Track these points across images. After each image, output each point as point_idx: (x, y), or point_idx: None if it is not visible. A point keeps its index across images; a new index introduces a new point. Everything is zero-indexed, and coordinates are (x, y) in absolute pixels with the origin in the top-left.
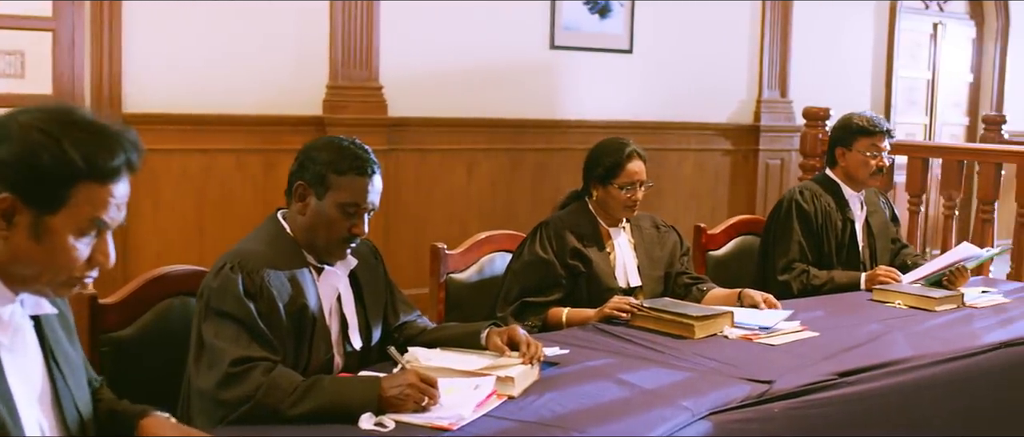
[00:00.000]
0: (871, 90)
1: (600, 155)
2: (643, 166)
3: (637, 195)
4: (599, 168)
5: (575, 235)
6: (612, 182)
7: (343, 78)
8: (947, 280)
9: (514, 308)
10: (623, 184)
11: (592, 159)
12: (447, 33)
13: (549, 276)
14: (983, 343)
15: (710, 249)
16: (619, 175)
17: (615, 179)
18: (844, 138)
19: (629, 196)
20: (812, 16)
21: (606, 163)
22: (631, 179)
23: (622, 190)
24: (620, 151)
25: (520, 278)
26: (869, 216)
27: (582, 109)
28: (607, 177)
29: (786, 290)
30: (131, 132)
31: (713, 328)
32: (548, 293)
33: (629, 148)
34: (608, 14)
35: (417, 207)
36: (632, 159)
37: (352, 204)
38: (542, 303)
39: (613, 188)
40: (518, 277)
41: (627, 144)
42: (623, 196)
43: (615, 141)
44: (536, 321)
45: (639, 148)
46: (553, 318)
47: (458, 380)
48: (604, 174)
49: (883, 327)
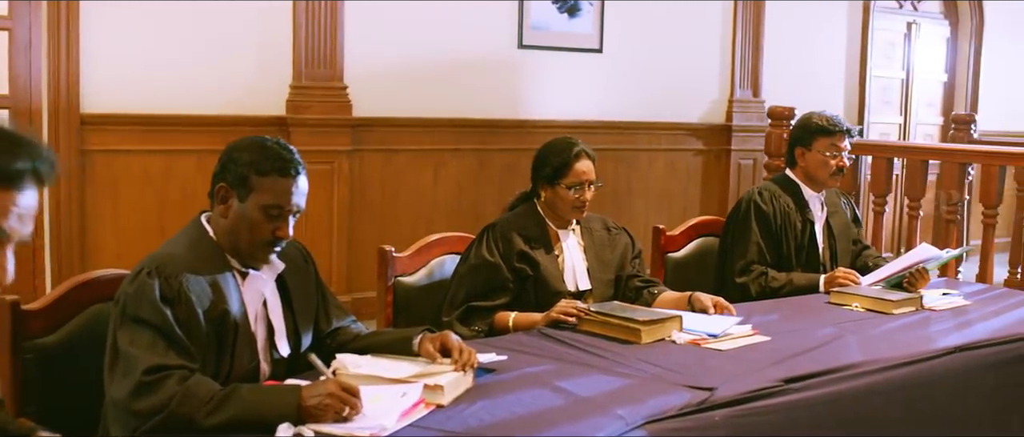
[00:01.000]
0: (844, 90)
1: (547, 155)
2: (592, 166)
3: (586, 195)
4: (546, 168)
5: (522, 237)
6: (560, 182)
7: (307, 77)
8: (908, 282)
9: (460, 312)
10: (571, 184)
11: (539, 159)
12: (413, 32)
13: (496, 279)
14: (938, 347)
15: (669, 251)
16: (567, 175)
17: (563, 179)
18: (803, 138)
19: (577, 196)
20: (785, 15)
21: (553, 163)
22: (579, 179)
23: (570, 190)
24: (568, 151)
25: (466, 282)
26: (830, 217)
27: (551, 109)
28: (555, 177)
29: (744, 292)
30: (47, 147)
31: (660, 333)
32: (495, 297)
33: (577, 148)
34: (577, 13)
35: (382, 209)
36: (580, 159)
37: (275, 206)
38: (489, 307)
39: (561, 188)
40: (464, 281)
41: (575, 143)
42: (571, 196)
43: (563, 140)
44: (482, 326)
45: (587, 148)
46: (500, 322)
47: (385, 388)
48: (552, 174)
49: (837, 331)
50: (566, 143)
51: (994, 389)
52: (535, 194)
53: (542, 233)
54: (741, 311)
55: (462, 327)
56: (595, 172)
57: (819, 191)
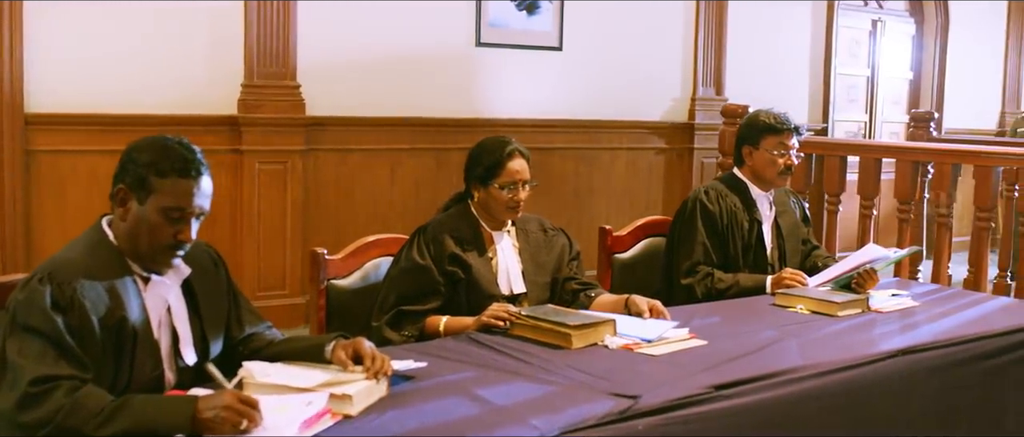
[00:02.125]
0: (809, 87)
1: (480, 154)
2: (526, 164)
3: (520, 195)
4: (479, 168)
5: (454, 239)
6: (492, 182)
7: (258, 76)
8: (856, 283)
9: (390, 317)
10: (504, 184)
11: (472, 159)
12: (368, 29)
13: (427, 283)
14: (880, 350)
15: (616, 251)
16: (499, 174)
17: (496, 179)
18: (751, 136)
19: (511, 196)
20: (748, 13)
21: (486, 162)
22: (512, 178)
23: (503, 190)
24: (500, 149)
25: (397, 285)
26: (778, 216)
27: (510, 108)
28: (487, 177)
29: (690, 294)
30: None
31: (592, 337)
32: (426, 301)
33: (510, 146)
34: (536, 11)
35: (337, 209)
36: (513, 158)
37: (176, 208)
38: (419, 312)
39: (494, 188)
40: (395, 284)
41: (508, 142)
42: (505, 196)
43: (496, 139)
44: (413, 330)
45: (521, 146)
46: (431, 327)
47: (290, 397)
48: (484, 174)
49: (778, 334)
50: (499, 142)
51: (939, 392)
52: (468, 195)
53: (475, 235)
54: (682, 313)
55: (392, 332)
56: (530, 171)
57: (767, 190)
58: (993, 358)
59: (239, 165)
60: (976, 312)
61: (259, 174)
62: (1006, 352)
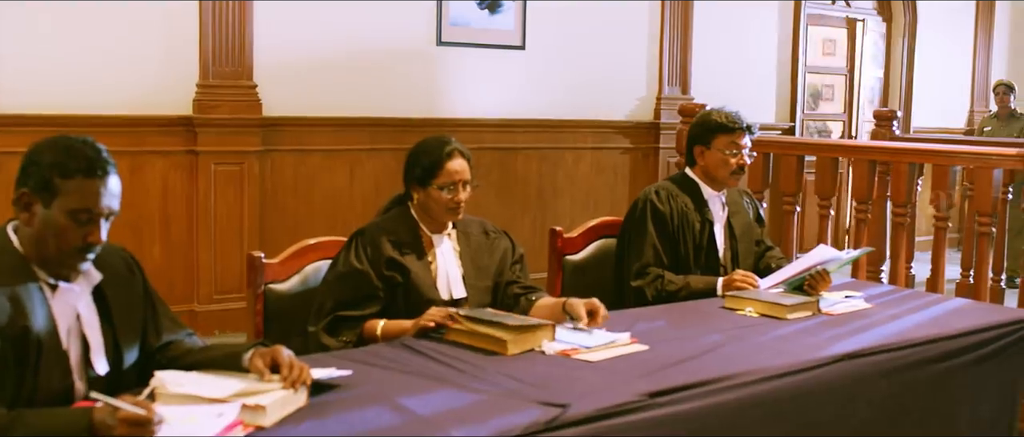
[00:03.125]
0: (777, 86)
1: (418, 155)
2: (466, 165)
3: (459, 196)
4: (417, 169)
5: (393, 243)
6: (431, 183)
7: (214, 76)
8: (808, 285)
9: (327, 322)
10: (443, 184)
11: (410, 160)
12: (326, 28)
13: (364, 288)
14: (826, 355)
15: (567, 253)
16: (438, 175)
17: (434, 179)
18: (703, 136)
19: (450, 197)
20: (714, 11)
21: (424, 163)
22: (452, 179)
23: (442, 191)
24: (439, 149)
25: (334, 290)
26: (731, 217)
27: (472, 107)
28: (426, 178)
29: (640, 297)
30: None
31: (529, 343)
32: (364, 306)
33: (449, 146)
34: (498, 9)
35: (296, 211)
36: (452, 158)
37: (83, 210)
38: (357, 317)
39: (433, 189)
40: (332, 289)
41: (447, 142)
42: (444, 197)
43: (435, 139)
44: (351, 336)
45: (461, 146)
46: (369, 332)
47: (201, 408)
48: (422, 175)
49: (722, 338)
50: (438, 142)
51: (888, 397)
52: (408, 197)
53: (414, 238)
54: (627, 317)
55: (329, 338)
56: (471, 172)
57: (719, 190)
58: (944, 361)
59: (194, 166)
60: (929, 314)
61: (215, 175)
62: (956, 355)
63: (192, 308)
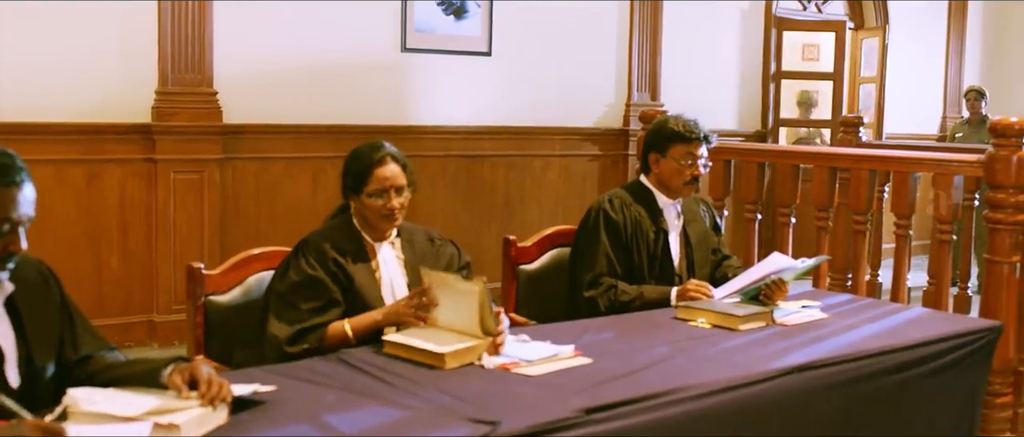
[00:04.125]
0: (746, 92)
1: (349, 163)
2: (399, 170)
3: (393, 202)
4: (349, 177)
5: (336, 251)
6: (363, 190)
7: (173, 82)
8: (764, 295)
9: (291, 335)
10: (374, 191)
11: (344, 167)
12: (288, 34)
13: (324, 293)
14: (775, 367)
15: (521, 263)
16: (368, 182)
17: (365, 187)
18: (658, 143)
19: (383, 204)
20: (684, 17)
21: (354, 171)
22: (382, 185)
23: (374, 198)
24: (369, 156)
25: (295, 299)
26: (687, 225)
27: (438, 114)
28: (357, 186)
29: (593, 307)
30: None
31: (469, 357)
32: (326, 312)
33: (380, 152)
34: (464, 15)
35: (257, 220)
36: (383, 163)
37: (4, 219)
38: (321, 324)
39: (365, 197)
40: (290, 299)
41: (379, 148)
42: (377, 204)
43: (366, 146)
44: (313, 342)
45: (394, 151)
46: (335, 335)
47: (112, 427)
48: (354, 183)
49: (670, 350)
50: (369, 148)
51: (840, 411)
52: (348, 206)
53: (357, 247)
54: (574, 329)
55: (292, 348)
56: (407, 176)
57: (674, 198)
58: (899, 373)
59: (153, 174)
60: (885, 324)
61: (174, 184)
62: (912, 366)
63: (151, 318)
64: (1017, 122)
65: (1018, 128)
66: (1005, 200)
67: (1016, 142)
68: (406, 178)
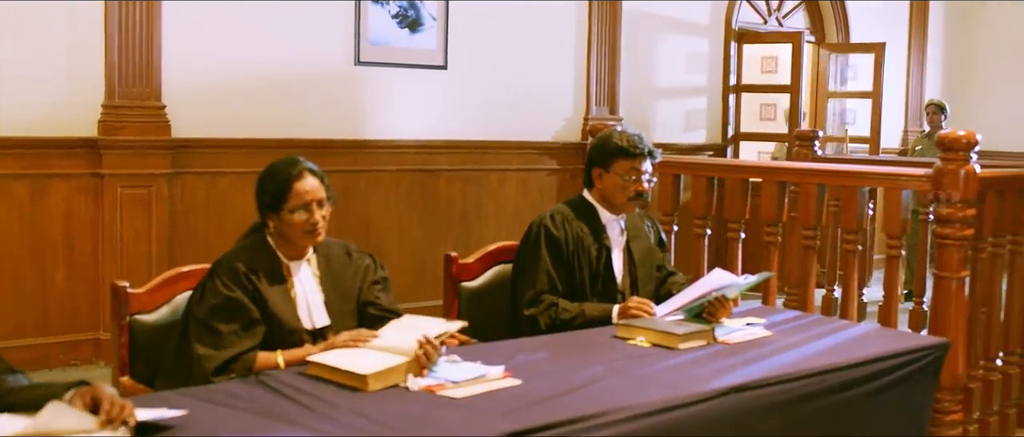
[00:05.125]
0: (708, 107)
1: (265, 180)
2: (318, 184)
3: (315, 217)
4: (266, 195)
5: (251, 272)
6: (282, 207)
7: (120, 96)
8: (707, 312)
9: (220, 364)
10: (295, 207)
11: (259, 186)
12: (239, 47)
13: (245, 315)
14: (711, 388)
15: (463, 280)
16: (288, 198)
17: (285, 203)
18: (602, 158)
19: (306, 219)
20: (643, 29)
21: (271, 188)
22: (302, 200)
23: (295, 214)
24: (286, 171)
25: (217, 321)
26: (630, 241)
27: (393, 128)
28: (276, 203)
29: (534, 326)
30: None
31: (393, 378)
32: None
33: (297, 167)
34: (419, 28)
35: (207, 235)
36: (301, 178)
37: None
38: (245, 351)
39: (286, 214)
40: (211, 326)
41: (295, 163)
42: (298, 220)
43: (282, 161)
44: (241, 372)
45: (311, 165)
46: (266, 368)
47: None
48: (272, 201)
49: (604, 371)
50: (285, 163)
51: (780, 433)
52: (264, 224)
53: (272, 266)
54: (508, 348)
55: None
56: (325, 190)
57: (618, 214)
58: (841, 392)
59: (100, 189)
60: (830, 342)
61: (122, 198)
62: (856, 385)
63: (97, 336)
64: (965, 136)
65: (965, 142)
66: (953, 214)
67: (964, 156)
68: (325, 191)
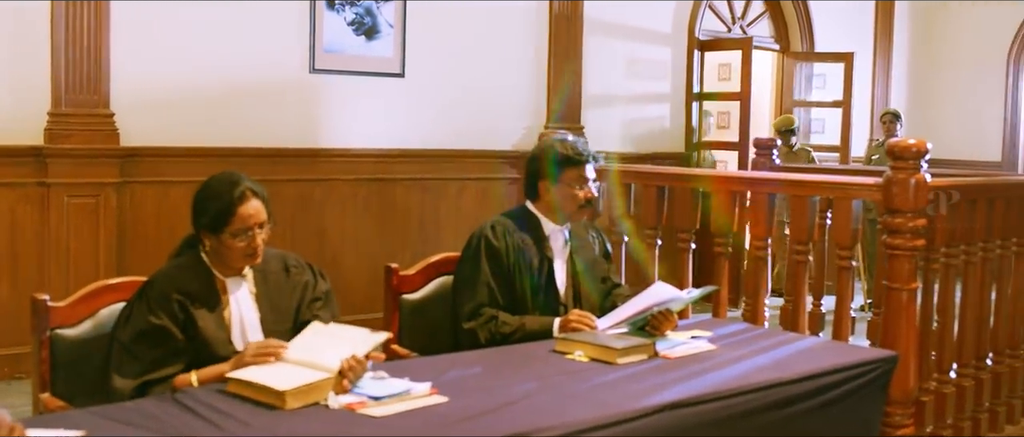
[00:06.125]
0: (671, 115)
1: (205, 199)
2: (260, 205)
3: (256, 241)
4: (205, 216)
5: (182, 293)
6: (223, 230)
7: (67, 104)
8: (650, 326)
9: (134, 388)
10: (237, 231)
11: (197, 204)
12: (190, 54)
13: (168, 343)
14: (646, 405)
15: (404, 292)
16: (230, 222)
17: (227, 226)
18: (547, 170)
19: (246, 244)
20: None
21: (213, 210)
22: (246, 224)
23: (237, 239)
24: (229, 193)
25: (136, 350)
26: (574, 252)
27: (348, 137)
28: (216, 225)
29: (473, 339)
30: None
31: (313, 396)
32: (171, 363)
33: (239, 188)
34: (376, 36)
35: (158, 246)
36: (244, 200)
37: None
38: (168, 377)
39: (226, 237)
40: (132, 350)
41: (237, 183)
42: (239, 245)
43: (223, 180)
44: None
45: (254, 184)
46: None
47: None
48: (212, 222)
49: (536, 387)
50: (227, 183)
51: None
52: (199, 241)
53: (206, 286)
54: (441, 363)
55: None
56: (267, 210)
57: (563, 224)
58: (784, 407)
59: (46, 199)
60: (775, 356)
61: (68, 208)
62: (799, 400)
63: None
64: (915, 144)
65: (915, 150)
66: (903, 225)
67: (914, 164)
68: (267, 211)
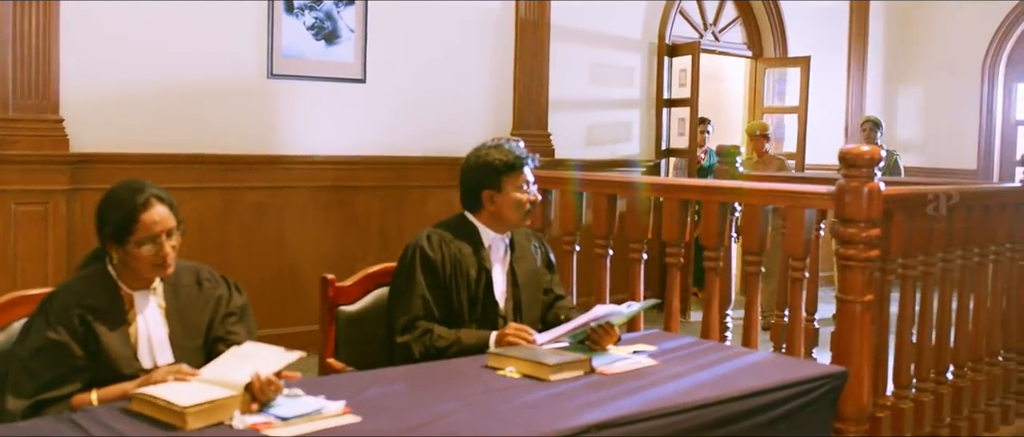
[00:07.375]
0: (642, 123)
1: (107, 209)
2: (167, 211)
3: (165, 249)
4: (108, 227)
5: (84, 308)
6: (128, 239)
7: (14, 109)
8: (591, 340)
9: (27, 409)
10: (142, 240)
11: (100, 214)
12: (143, 58)
13: (66, 361)
14: (573, 424)
15: (341, 303)
16: (135, 230)
17: (131, 235)
18: (489, 179)
19: (155, 252)
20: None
21: (115, 218)
22: (151, 231)
23: (143, 248)
24: (132, 200)
25: (31, 368)
26: (515, 262)
27: (309, 143)
28: (120, 235)
29: (407, 354)
30: None
31: (216, 415)
32: (68, 382)
33: (143, 195)
34: (336, 40)
35: None
36: (148, 207)
37: None
38: (64, 396)
39: (132, 246)
40: (28, 367)
41: (140, 189)
42: (146, 254)
43: (126, 187)
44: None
45: (158, 190)
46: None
47: None
48: (116, 232)
49: (458, 406)
50: (129, 190)
51: None
52: (105, 253)
53: (111, 301)
54: (363, 380)
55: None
56: (176, 217)
57: (503, 232)
58: (724, 426)
59: None
60: (718, 372)
61: (16, 216)
62: (740, 419)
63: None
64: (868, 151)
65: (868, 157)
66: (856, 235)
67: (867, 172)
68: (175, 218)
